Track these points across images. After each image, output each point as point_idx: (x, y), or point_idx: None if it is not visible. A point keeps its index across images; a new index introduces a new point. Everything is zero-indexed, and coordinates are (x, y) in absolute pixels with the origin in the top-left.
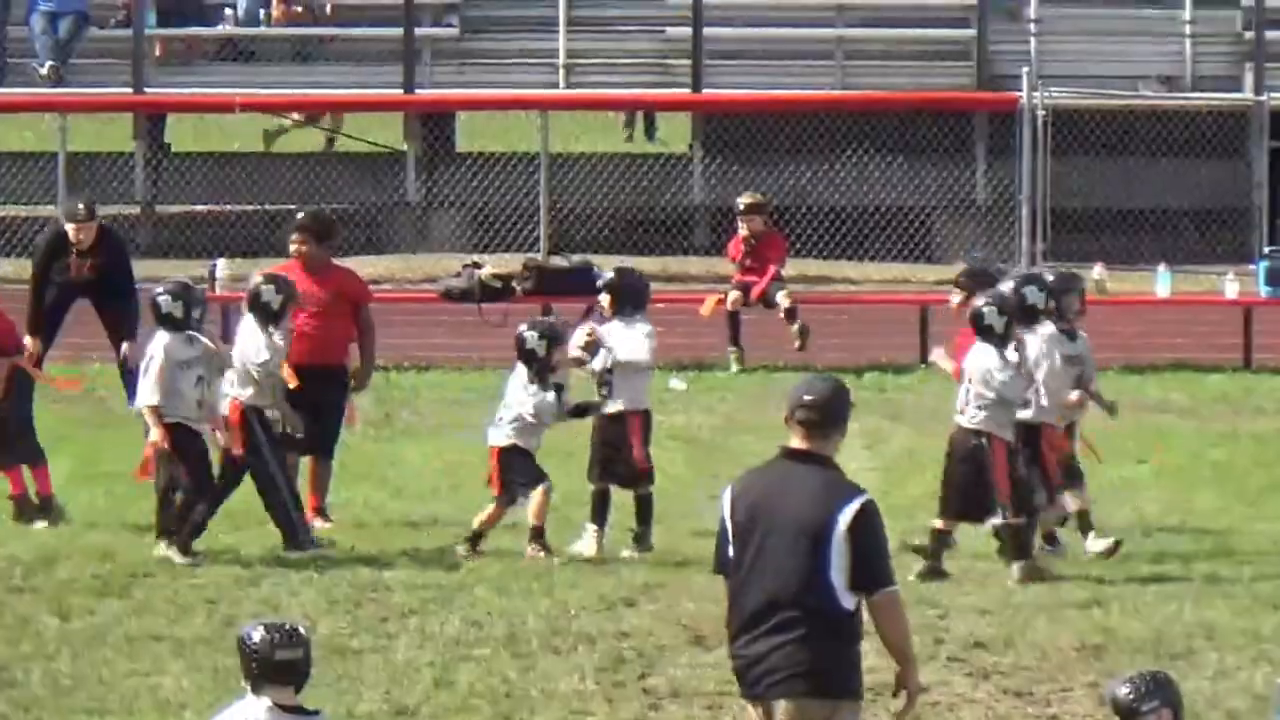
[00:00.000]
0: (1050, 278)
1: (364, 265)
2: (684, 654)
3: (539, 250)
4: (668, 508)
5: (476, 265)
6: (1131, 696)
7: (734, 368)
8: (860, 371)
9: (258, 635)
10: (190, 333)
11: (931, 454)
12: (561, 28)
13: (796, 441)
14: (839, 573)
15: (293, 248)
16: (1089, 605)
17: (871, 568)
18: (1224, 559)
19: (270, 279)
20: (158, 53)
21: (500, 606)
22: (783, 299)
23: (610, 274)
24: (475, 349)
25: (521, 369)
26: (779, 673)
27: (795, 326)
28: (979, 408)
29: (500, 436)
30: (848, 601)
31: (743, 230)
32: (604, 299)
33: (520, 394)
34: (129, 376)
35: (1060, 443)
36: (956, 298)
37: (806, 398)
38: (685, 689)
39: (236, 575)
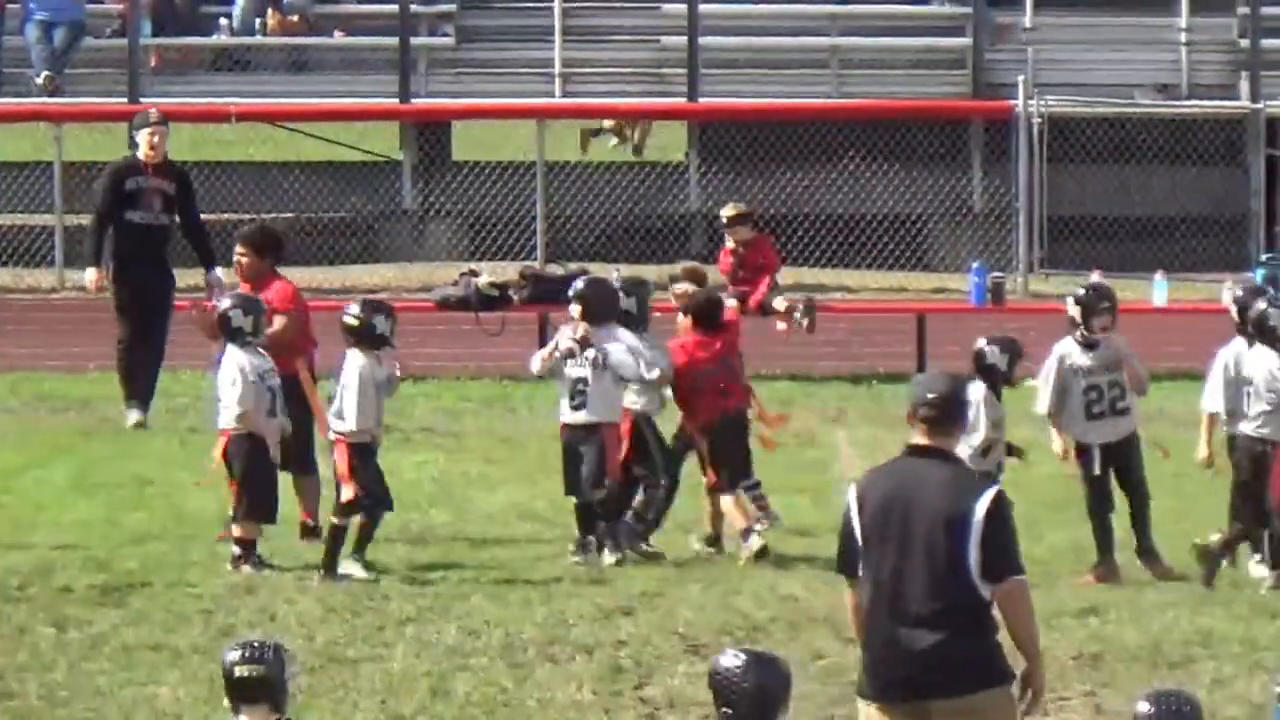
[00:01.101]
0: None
1: (360, 274)
2: (681, 663)
3: (536, 259)
4: (665, 516)
5: (473, 274)
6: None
7: None
8: (857, 380)
9: (229, 652)
10: (379, 353)
11: None
12: (557, 37)
13: (919, 438)
14: (976, 564)
15: (234, 257)
16: (1086, 614)
17: (1003, 555)
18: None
19: (629, 289)
20: (153, 62)
21: (497, 616)
22: (779, 303)
23: (580, 283)
24: (472, 358)
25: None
26: (935, 672)
27: (798, 312)
28: (1262, 413)
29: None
30: (985, 592)
31: (729, 242)
32: (574, 309)
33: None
34: (150, 380)
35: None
36: (682, 286)
37: (929, 395)
38: (682, 699)
39: (233, 584)
